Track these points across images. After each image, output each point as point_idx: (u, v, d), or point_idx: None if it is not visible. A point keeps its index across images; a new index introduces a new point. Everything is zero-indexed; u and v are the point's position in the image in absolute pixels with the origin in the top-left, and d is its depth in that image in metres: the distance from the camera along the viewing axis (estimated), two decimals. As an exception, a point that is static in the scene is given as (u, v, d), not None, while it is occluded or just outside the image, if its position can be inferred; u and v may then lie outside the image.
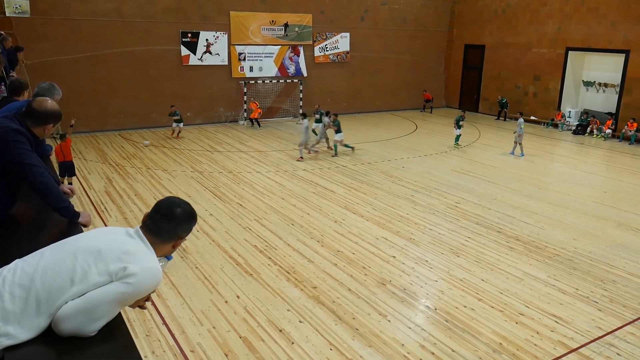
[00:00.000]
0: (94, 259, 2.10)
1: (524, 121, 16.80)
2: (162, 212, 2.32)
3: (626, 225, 10.57)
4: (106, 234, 2.31)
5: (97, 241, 2.19)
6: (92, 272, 2.07)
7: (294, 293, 7.39)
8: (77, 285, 2.05)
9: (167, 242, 2.34)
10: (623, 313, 7.10)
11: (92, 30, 17.94)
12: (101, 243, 2.18)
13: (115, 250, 2.15)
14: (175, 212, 2.32)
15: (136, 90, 19.08)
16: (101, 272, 2.08)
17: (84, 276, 2.07)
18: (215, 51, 20.34)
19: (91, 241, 2.20)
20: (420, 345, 6.20)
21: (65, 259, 2.11)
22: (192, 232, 8.64)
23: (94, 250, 2.13)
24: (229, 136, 18.64)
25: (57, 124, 3.57)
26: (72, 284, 2.05)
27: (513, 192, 12.61)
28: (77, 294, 2.04)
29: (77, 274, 2.06)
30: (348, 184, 12.95)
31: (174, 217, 2.32)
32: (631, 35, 19.02)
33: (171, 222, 2.31)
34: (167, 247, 2.36)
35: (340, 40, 23.16)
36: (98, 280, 2.06)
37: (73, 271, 2.07)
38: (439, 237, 9.66)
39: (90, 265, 2.09)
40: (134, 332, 6.19)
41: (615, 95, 20.20)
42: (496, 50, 24.24)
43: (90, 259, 2.10)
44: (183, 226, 2.36)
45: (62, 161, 11.27)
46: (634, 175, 14.74)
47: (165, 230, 2.31)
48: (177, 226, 2.33)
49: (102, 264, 2.09)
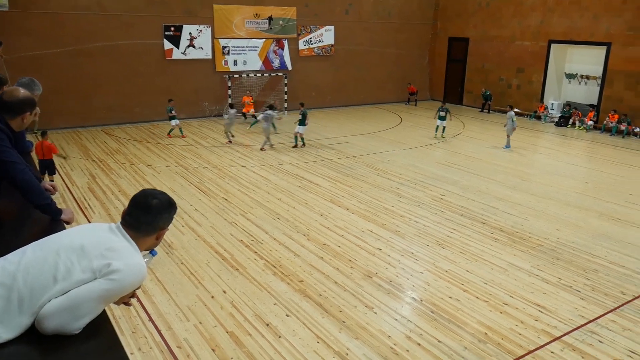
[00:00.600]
0: (77, 256, 2.08)
1: (515, 114, 16.86)
2: (139, 206, 2.29)
3: (607, 215, 10.73)
4: (89, 230, 2.28)
5: (80, 238, 2.17)
6: (76, 270, 2.06)
7: (281, 287, 7.40)
8: (60, 283, 2.03)
9: (149, 235, 2.32)
10: (605, 301, 7.22)
11: (74, 24, 17.69)
12: (84, 240, 2.16)
13: (99, 247, 2.13)
14: (152, 204, 2.29)
15: (119, 85, 18.87)
16: (84, 269, 2.06)
17: (67, 274, 2.05)
18: (198, 45, 20.17)
19: (74, 238, 2.18)
20: (407, 337, 6.26)
21: (47, 256, 2.08)
22: (177, 228, 8.62)
23: (77, 248, 2.11)
24: (213, 131, 18.54)
25: (34, 113, 3.50)
26: (55, 281, 2.03)
27: (497, 183, 12.73)
28: (60, 291, 2.02)
29: (60, 272, 2.04)
30: (333, 177, 12.97)
31: (151, 209, 2.28)
32: (612, 28, 19.24)
33: (149, 214, 2.28)
34: (150, 240, 2.34)
35: (325, 34, 23.11)
36: (81, 278, 2.05)
37: (56, 269, 2.05)
38: (424, 229, 9.72)
39: (74, 263, 2.07)
40: (119, 329, 6.16)
41: (597, 87, 20.44)
42: (480, 43, 24.37)
43: (73, 256, 2.08)
44: (162, 216, 2.32)
45: (41, 159, 11.12)
46: (615, 166, 14.96)
47: (144, 224, 2.28)
48: (156, 217, 2.30)
49: (85, 261, 2.08)
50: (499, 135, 18.63)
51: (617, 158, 15.93)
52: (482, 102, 23.83)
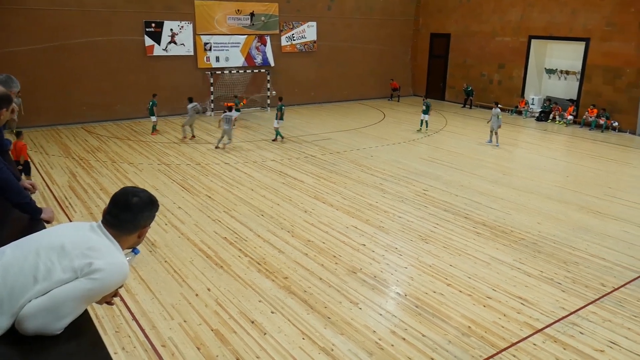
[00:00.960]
0: (57, 256, 2.05)
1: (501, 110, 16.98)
2: (120, 204, 2.25)
3: (587, 208, 10.90)
4: (70, 229, 2.25)
5: (60, 237, 2.14)
6: (56, 269, 2.03)
7: (265, 284, 7.39)
8: (40, 283, 2.00)
9: (131, 234, 2.29)
10: (585, 293, 7.33)
11: (52, 20, 17.41)
12: (65, 239, 2.12)
13: (80, 246, 2.10)
14: (132, 202, 2.25)
15: (99, 82, 18.62)
16: (65, 269, 2.03)
17: (47, 273, 2.01)
18: (180, 41, 20.00)
19: (54, 238, 2.14)
20: (391, 331, 6.29)
21: (27, 256, 2.05)
22: (161, 226, 8.54)
23: (58, 247, 2.08)
24: (196, 128, 18.35)
25: (10, 110, 3.42)
26: (36, 281, 2.00)
27: (479, 178, 12.84)
28: (40, 292, 1.99)
29: (41, 272, 2.01)
30: (317, 173, 12.97)
31: (132, 207, 2.25)
32: (590, 23, 19.49)
33: (130, 212, 2.24)
34: (132, 239, 2.31)
35: (307, 30, 23.06)
36: (62, 277, 2.02)
37: (36, 269, 2.02)
38: (408, 224, 9.77)
39: (54, 262, 2.04)
40: (102, 329, 6.10)
41: (576, 82, 20.71)
42: (461, 39, 24.52)
43: (53, 256, 2.05)
44: (144, 214, 2.29)
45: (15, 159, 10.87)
46: (595, 160, 15.19)
47: (126, 222, 2.24)
48: (137, 215, 2.26)
49: (66, 261, 2.05)
50: (480, 130, 18.80)
51: (597, 152, 16.18)
52: (464, 98, 24.00)
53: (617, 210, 10.80)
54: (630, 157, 15.93)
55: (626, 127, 18.87)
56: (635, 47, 18.27)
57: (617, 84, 19.10)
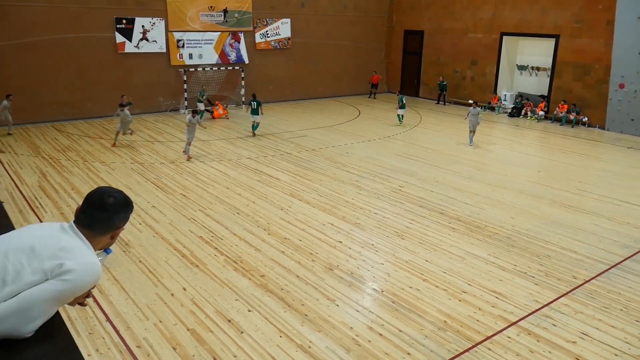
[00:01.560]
0: (27, 258, 2.00)
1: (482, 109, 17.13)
2: (94, 204, 2.21)
3: (559, 202, 11.11)
4: (39, 230, 2.19)
5: (29, 238, 2.08)
6: (26, 271, 1.97)
7: (242, 282, 7.34)
8: (9, 285, 1.94)
9: (104, 234, 2.24)
10: (558, 286, 7.47)
11: (19, 16, 16.96)
12: (34, 240, 2.07)
13: (50, 247, 2.04)
14: (107, 202, 2.21)
15: (69, 80, 18.24)
16: (35, 271, 1.98)
17: (16, 276, 1.96)
18: (152, 38, 19.70)
19: (23, 239, 2.08)
20: (369, 327, 6.31)
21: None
22: (135, 225, 8.41)
23: (27, 248, 2.02)
24: (169, 126, 18.18)
25: None
26: (4, 284, 1.94)
27: (454, 174, 12.98)
28: (9, 294, 1.93)
29: (9, 274, 1.95)
30: (293, 171, 12.93)
31: (106, 207, 2.21)
32: (560, 20, 19.86)
33: (105, 213, 2.20)
34: (105, 239, 2.26)
35: (281, 27, 22.97)
36: (32, 280, 1.96)
37: (4, 271, 1.96)
38: (384, 220, 9.82)
39: (23, 264, 1.98)
40: (75, 331, 5.98)
41: (547, 78, 21.09)
42: (435, 36, 24.73)
43: (22, 258, 1.99)
44: (119, 215, 2.25)
45: None
46: (566, 154, 15.49)
47: (99, 223, 2.20)
48: (112, 216, 2.23)
49: (36, 262, 1.99)
50: (455, 127, 19.02)
51: (567, 147, 16.50)
52: (439, 93, 24.18)
53: (587, 204, 11.03)
54: (599, 152, 16.30)
55: (595, 122, 19.30)
56: (603, 44, 18.68)
57: (586, 80, 19.51)
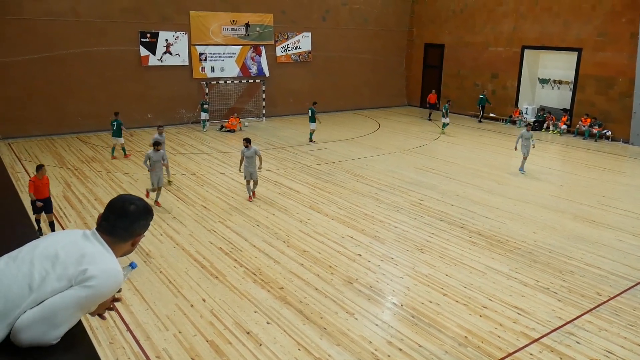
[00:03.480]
0: (51, 264, 2.04)
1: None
2: (116, 212, 2.25)
3: (582, 217, 10.93)
4: (63, 237, 2.23)
5: (54, 246, 2.12)
6: (51, 278, 2.01)
7: (261, 294, 7.35)
8: (35, 292, 1.98)
9: (126, 241, 2.28)
10: (581, 302, 7.33)
11: (47, 31, 17.40)
12: (58, 247, 2.11)
13: (74, 254, 2.08)
14: (129, 210, 2.26)
15: (94, 92, 18.60)
16: (60, 277, 2.02)
17: (42, 282, 2.00)
18: (175, 51, 20.03)
19: (48, 246, 2.13)
20: (388, 342, 6.26)
21: (21, 266, 2.03)
22: (156, 236, 8.49)
23: (51, 256, 2.06)
24: (191, 137, 18.39)
25: None
26: (31, 291, 1.98)
27: (474, 188, 12.87)
28: (36, 301, 1.97)
29: (35, 281, 2.00)
30: (312, 183, 12.96)
31: (128, 214, 2.26)
32: (583, 33, 19.67)
33: (126, 220, 2.25)
34: (126, 246, 2.30)
35: (302, 40, 23.16)
36: (56, 286, 2.00)
37: (30, 278, 2.00)
38: (404, 234, 9.77)
39: (48, 271, 2.02)
40: (96, 340, 6.04)
41: (569, 91, 20.86)
42: (455, 49, 24.68)
43: (47, 265, 2.04)
44: (139, 222, 2.29)
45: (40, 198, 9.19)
46: (589, 169, 15.26)
47: (121, 229, 2.24)
48: (133, 223, 2.27)
49: (60, 269, 2.03)
50: (475, 140, 18.91)
51: (590, 161, 16.26)
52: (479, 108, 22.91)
53: (611, 219, 10.83)
54: (623, 166, 16.02)
55: (619, 136, 18.99)
56: (627, 57, 18.44)
57: (609, 94, 19.24)
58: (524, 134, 14.46)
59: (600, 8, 19.03)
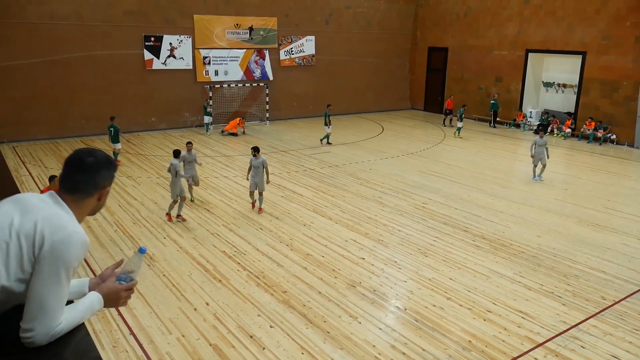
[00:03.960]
0: (8, 233, 1.94)
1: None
2: (74, 166, 2.16)
3: (587, 221, 10.88)
4: (19, 204, 2.08)
5: (8, 216, 2.00)
6: (12, 245, 1.92)
7: (264, 298, 7.34)
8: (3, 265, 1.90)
9: (91, 196, 2.20)
10: (586, 307, 7.29)
11: (51, 34, 17.47)
12: (14, 215, 2.00)
13: (30, 221, 1.97)
14: (87, 162, 2.17)
15: (98, 95, 18.65)
16: (22, 245, 1.93)
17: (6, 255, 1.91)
18: (179, 55, 20.08)
19: (3, 217, 2.00)
20: (391, 346, 6.24)
21: None
22: (159, 240, 8.49)
23: (6, 226, 1.96)
24: (195, 141, 18.35)
25: None
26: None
27: (478, 191, 12.83)
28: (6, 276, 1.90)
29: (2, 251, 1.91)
30: (316, 187, 12.95)
31: (87, 167, 2.16)
32: (587, 37, 19.64)
33: (87, 173, 2.16)
34: (92, 202, 2.23)
35: (306, 44, 23.19)
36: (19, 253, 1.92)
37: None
38: (407, 237, 9.74)
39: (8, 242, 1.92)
40: (100, 344, 6.04)
41: (574, 95, 20.81)
42: (459, 53, 24.67)
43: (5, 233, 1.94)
44: (101, 174, 2.20)
45: None
46: (593, 172, 15.20)
47: (83, 184, 2.15)
48: (95, 176, 2.18)
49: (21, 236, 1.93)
50: (479, 143, 18.87)
51: (595, 165, 16.20)
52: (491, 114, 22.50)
53: (616, 223, 10.79)
54: (628, 170, 15.96)
55: (624, 140, 18.93)
56: (631, 61, 18.40)
57: (614, 97, 19.19)
58: (538, 140, 13.83)
59: (605, 12, 19.00)
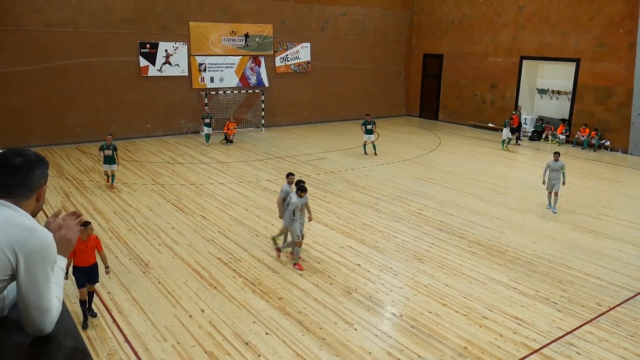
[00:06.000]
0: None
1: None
2: (4, 170, 2.07)
3: (581, 227, 10.92)
4: None
5: None
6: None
7: (260, 305, 7.33)
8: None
9: (28, 198, 2.13)
10: (581, 313, 7.31)
11: (47, 41, 17.46)
12: None
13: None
14: (16, 164, 2.08)
15: (94, 102, 18.63)
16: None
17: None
18: (175, 62, 20.09)
19: None
20: (387, 353, 6.23)
21: None
22: (154, 246, 8.46)
23: None
24: (190, 147, 18.41)
25: None
26: None
27: (474, 197, 12.86)
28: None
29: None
30: (312, 193, 12.93)
31: (17, 168, 2.08)
32: (581, 44, 19.77)
33: (18, 175, 2.08)
34: (31, 204, 2.16)
35: (301, 51, 23.25)
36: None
37: None
38: (403, 244, 9.75)
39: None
40: (94, 352, 6.01)
41: (568, 102, 20.92)
42: (454, 59, 24.79)
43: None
44: (34, 173, 2.13)
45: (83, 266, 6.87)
46: (587, 178, 15.26)
47: (17, 186, 2.08)
48: (28, 176, 2.11)
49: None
50: (474, 150, 18.92)
51: (589, 171, 16.27)
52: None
53: (611, 229, 10.83)
54: (622, 176, 16.04)
55: (618, 146, 19.03)
56: (625, 67, 18.52)
57: (608, 104, 19.31)
58: (552, 164, 12.08)
59: (599, 19, 19.15)
